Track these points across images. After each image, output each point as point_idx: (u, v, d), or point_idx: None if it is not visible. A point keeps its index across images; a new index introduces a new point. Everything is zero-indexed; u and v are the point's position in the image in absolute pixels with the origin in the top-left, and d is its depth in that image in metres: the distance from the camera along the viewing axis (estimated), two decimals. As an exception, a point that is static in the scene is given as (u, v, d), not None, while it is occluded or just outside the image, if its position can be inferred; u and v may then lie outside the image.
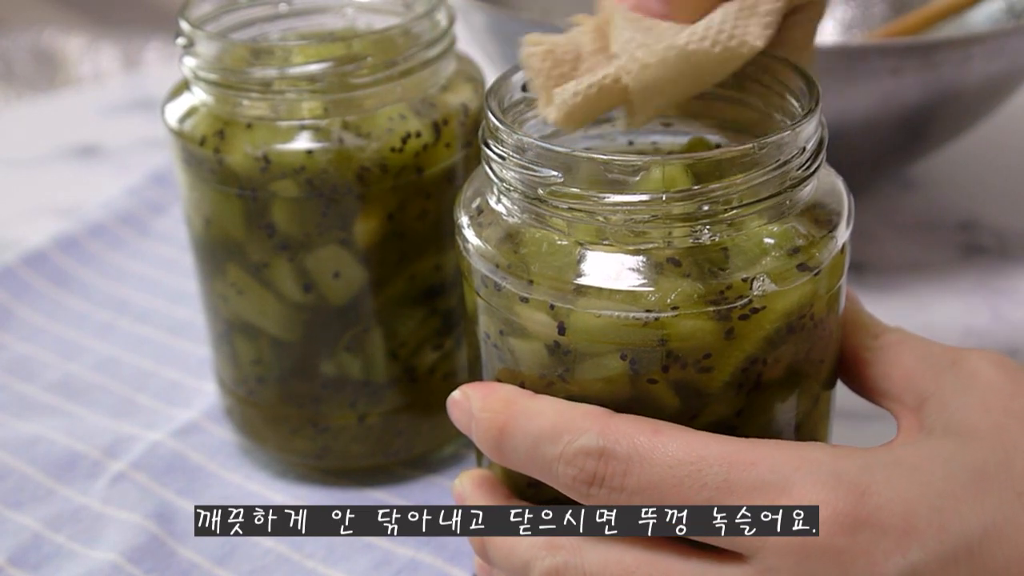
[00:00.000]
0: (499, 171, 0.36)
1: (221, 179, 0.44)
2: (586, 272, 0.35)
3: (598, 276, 0.35)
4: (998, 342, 0.58)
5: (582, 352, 0.36)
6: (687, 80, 0.36)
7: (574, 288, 0.35)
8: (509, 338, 0.37)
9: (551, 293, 0.35)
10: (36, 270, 0.66)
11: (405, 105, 0.45)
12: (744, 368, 0.35)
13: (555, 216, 0.35)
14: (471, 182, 0.40)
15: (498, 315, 0.37)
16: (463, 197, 0.40)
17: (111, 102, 0.93)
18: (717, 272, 0.34)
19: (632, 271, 0.34)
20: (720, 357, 0.35)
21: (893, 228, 0.68)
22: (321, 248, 0.45)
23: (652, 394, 0.36)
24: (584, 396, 0.36)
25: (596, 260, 0.35)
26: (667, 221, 0.34)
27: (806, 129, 0.35)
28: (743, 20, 0.36)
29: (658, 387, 0.35)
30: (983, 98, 0.63)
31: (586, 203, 0.34)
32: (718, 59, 0.36)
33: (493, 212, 0.38)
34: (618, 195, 0.34)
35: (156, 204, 0.73)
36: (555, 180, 0.35)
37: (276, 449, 0.50)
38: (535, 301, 0.35)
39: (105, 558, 0.46)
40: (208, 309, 0.49)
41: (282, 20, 0.50)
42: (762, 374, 0.36)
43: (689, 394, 0.36)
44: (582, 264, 0.35)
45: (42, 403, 0.56)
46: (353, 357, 0.47)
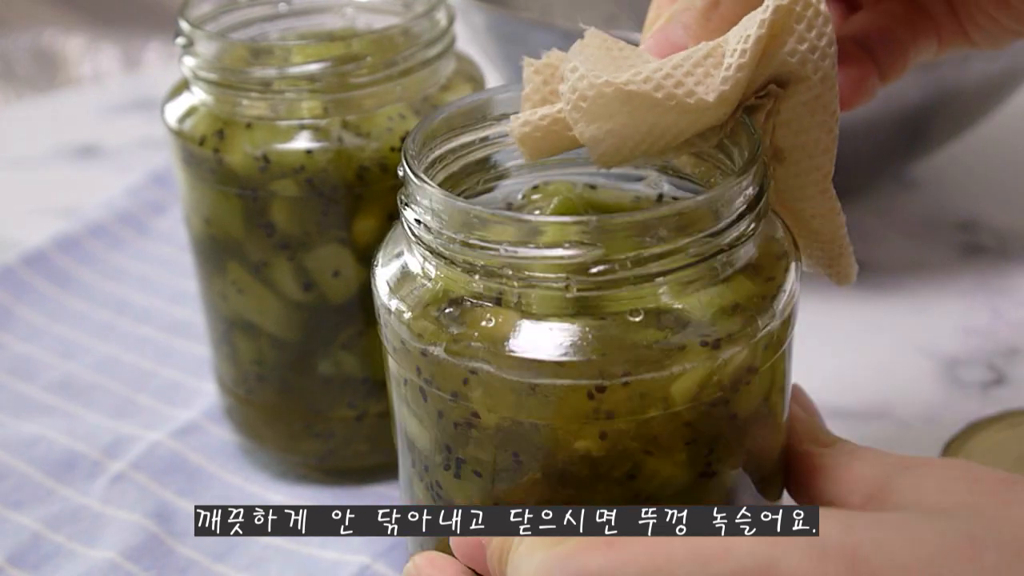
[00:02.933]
0: (416, 229, 0.33)
1: (221, 179, 0.44)
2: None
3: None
4: (998, 342, 0.58)
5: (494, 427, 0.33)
6: (634, 124, 0.33)
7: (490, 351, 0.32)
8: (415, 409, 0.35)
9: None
10: (36, 270, 0.66)
11: (405, 105, 0.45)
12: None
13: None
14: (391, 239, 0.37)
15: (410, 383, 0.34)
16: (382, 252, 0.37)
17: (111, 102, 0.93)
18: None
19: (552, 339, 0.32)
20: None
21: (893, 228, 0.68)
22: (321, 247, 0.45)
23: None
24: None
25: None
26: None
27: (728, 194, 0.32)
28: (701, 68, 0.32)
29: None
30: (983, 98, 0.63)
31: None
32: (664, 106, 0.32)
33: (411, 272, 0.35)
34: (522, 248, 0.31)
35: (156, 204, 0.73)
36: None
37: (276, 449, 0.50)
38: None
39: (104, 557, 0.46)
40: (208, 308, 0.49)
41: (282, 20, 0.50)
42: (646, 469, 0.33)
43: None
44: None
45: (42, 403, 0.56)
46: (351, 355, 0.47)
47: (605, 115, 0.32)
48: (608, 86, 0.32)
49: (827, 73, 0.33)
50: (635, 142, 0.33)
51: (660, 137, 0.33)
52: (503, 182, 0.39)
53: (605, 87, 0.32)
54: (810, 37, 0.32)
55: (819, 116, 0.34)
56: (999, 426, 0.49)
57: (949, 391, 0.54)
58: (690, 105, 0.32)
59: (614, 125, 0.33)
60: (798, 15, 0.32)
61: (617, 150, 0.33)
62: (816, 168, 0.35)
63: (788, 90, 0.33)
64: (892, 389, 0.55)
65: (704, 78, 0.32)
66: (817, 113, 0.34)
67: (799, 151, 0.34)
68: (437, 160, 0.36)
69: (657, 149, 0.34)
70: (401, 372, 0.35)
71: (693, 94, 0.32)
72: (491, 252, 0.31)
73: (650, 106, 0.32)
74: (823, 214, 0.36)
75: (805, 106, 0.33)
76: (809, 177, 0.35)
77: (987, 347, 0.57)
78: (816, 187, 0.35)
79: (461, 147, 0.37)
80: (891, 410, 0.53)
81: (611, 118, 0.32)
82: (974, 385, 0.55)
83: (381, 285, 0.35)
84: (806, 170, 0.35)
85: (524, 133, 0.34)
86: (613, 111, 0.32)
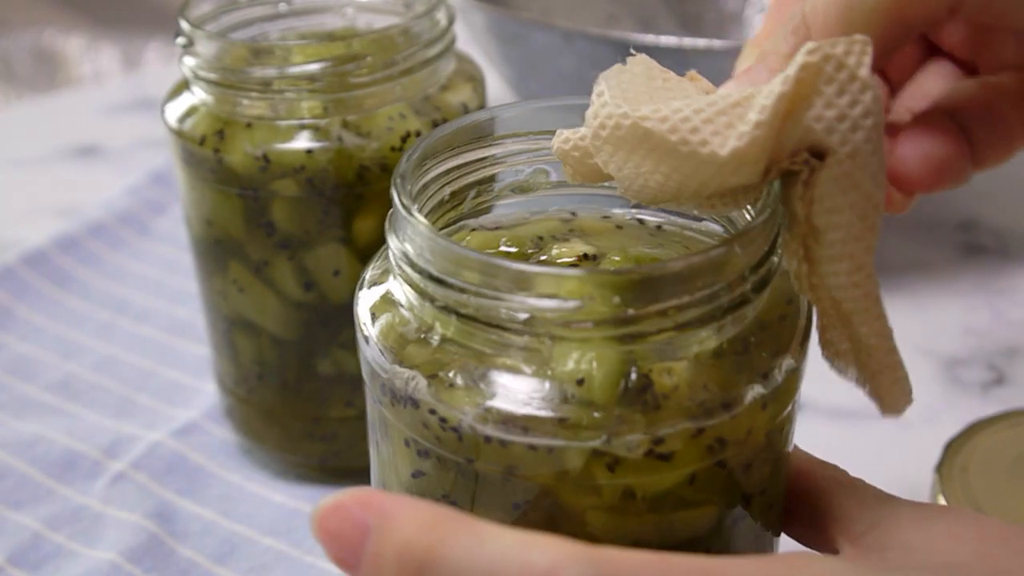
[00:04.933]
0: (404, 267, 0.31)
1: (221, 178, 0.44)
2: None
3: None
4: (998, 342, 0.58)
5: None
6: (654, 164, 0.30)
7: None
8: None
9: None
10: (36, 270, 0.66)
11: (405, 104, 0.45)
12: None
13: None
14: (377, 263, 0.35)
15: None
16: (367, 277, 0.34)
17: (111, 102, 0.93)
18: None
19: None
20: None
21: (893, 228, 0.68)
22: (321, 247, 0.45)
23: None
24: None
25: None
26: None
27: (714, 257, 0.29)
28: (724, 118, 0.29)
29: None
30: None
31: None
32: (679, 152, 0.29)
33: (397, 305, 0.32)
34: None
35: (156, 204, 0.73)
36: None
37: (276, 449, 0.50)
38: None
39: (104, 557, 0.46)
40: (208, 308, 0.49)
41: (282, 20, 0.50)
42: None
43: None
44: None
45: (42, 403, 0.56)
46: (350, 354, 0.47)
47: (626, 148, 0.30)
48: (626, 118, 0.29)
49: (858, 148, 0.29)
50: (658, 184, 0.30)
51: (683, 185, 0.30)
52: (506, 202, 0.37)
53: (623, 119, 0.30)
54: (840, 103, 0.28)
55: (851, 196, 0.30)
56: (999, 426, 0.49)
57: (949, 391, 0.54)
58: (703, 156, 0.29)
59: (637, 161, 0.30)
60: (828, 76, 0.28)
61: (642, 188, 0.31)
62: (848, 256, 0.31)
63: (824, 161, 0.30)
64: (892, 389, 0.55)
65: (724, 129, 0.29)
66: (849, 192, 0.30)
67: (832, 232, 0.31)
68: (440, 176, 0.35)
69: (685, 197, 0.31)
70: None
71: (707, 144, 0.29)
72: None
73: (666, 149, 0.29)
74: (860, 312, 0.32)
75: (836, 182, 0.30)
76: (841, 264, 0.31)
77: (987, 347, 0.57)
78: (848, 277, 0.31)
79: (467, 164, 0.36)
80: (891, 410, 0.53)
81: (632, 152, 0.30)
82: (974, 385, 0.55)
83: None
84: (839, 256, 0.31)
85: (563, 151, 0.33)
86: (632, 146, 0.30)
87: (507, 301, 0.29)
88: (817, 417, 0.53)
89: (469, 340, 0.30)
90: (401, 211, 0.31)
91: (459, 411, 0.29)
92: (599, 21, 0.79)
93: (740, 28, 0.81)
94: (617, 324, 0.29)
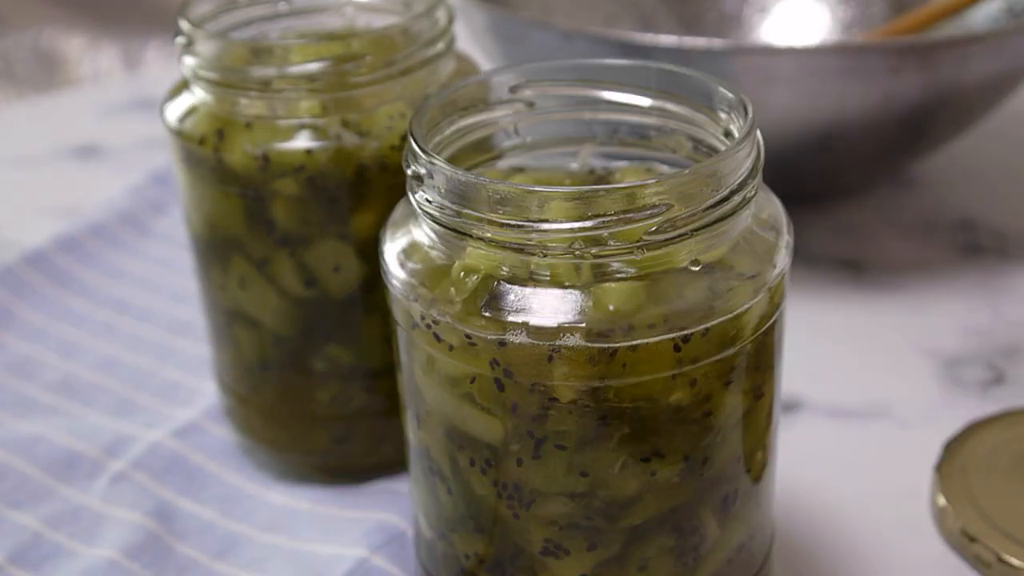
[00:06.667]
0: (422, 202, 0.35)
1: (221, 178, 0.44)
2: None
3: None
4: (998, 342, 0.58)
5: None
6: None
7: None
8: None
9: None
10: (36, 270, 0.66)
11: (404, 104, 0.45)
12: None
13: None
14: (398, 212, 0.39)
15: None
16: (390, 223, 0.38)
17: (111, 102, 0.93)
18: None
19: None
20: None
21: (893, 228, 0.68)
22: (321, 244, 0.45)
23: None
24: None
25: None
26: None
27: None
28: None
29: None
30: (983, 98, 0.63)
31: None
32: None
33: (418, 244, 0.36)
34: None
35: (156, 204, 0.73)
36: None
37: (276, 449, 0.50)
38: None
39: (104, 555, 0.46)
40: (208, 307, 0.49)
41: (281, 19, 0.50)
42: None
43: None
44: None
45: (42, 403, 0.56)
46: (350, 353, 0.47)
47: None
48: None
49: None
50: None
51: None
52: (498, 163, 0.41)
53: None
54: None
55: None
56: (999, 426, 0.49)
57: (949, 391, 0.54)
58: None
59: None
60: None
61: None
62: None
63: None
64: (892, 389, 0.55)
65: None
66: None
67: None
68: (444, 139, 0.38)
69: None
70: (464, 370, 0.34)
71: None
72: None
73: None
74: None
75: None
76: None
77: (987, 347, 0.57)
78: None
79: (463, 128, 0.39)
80: (891, 410, 0.53)
81: None
82: (974, 385, 0.55)
83: (431, 292, 0.35)
84: None
85: None
86: None
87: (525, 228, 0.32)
88: (817, 417, 0.53)
89: (494, 268, 0.33)
90: (421, 154, 0.35)
91: (567, 337, 0.32)
92: (599, 21, 0.79)
93: (740, 28, 0.81)
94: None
